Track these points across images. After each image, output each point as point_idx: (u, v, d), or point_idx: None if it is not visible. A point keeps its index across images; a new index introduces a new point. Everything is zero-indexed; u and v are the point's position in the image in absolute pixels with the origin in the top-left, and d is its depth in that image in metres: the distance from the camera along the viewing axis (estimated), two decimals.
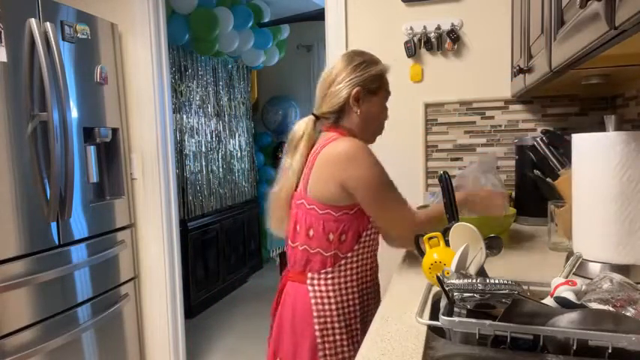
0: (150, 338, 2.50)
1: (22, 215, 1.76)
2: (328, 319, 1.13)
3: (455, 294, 0.75)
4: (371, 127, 1.22)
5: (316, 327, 1.13)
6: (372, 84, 1.19)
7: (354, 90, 1.17)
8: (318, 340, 1.12)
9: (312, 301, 1.14)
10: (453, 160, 2.04)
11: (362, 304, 1.18)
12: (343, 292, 1.15)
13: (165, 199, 2.46)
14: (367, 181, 1.10)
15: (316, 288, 1.14)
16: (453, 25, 1.96)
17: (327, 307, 1.13)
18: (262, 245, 4.90)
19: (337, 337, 1.13)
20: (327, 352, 1.12)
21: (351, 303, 1.15)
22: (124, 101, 2.40)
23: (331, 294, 1.14)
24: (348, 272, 1.15)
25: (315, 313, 1.13)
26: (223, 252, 4.11)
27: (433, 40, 1.99)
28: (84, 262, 2.05)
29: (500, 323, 0.69)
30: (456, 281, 0.76)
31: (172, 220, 2.52)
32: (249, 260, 4.63)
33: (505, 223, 1.32)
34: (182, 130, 3.53)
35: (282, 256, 4.17)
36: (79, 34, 2.06)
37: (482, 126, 2.00)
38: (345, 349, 1.13)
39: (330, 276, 1.14)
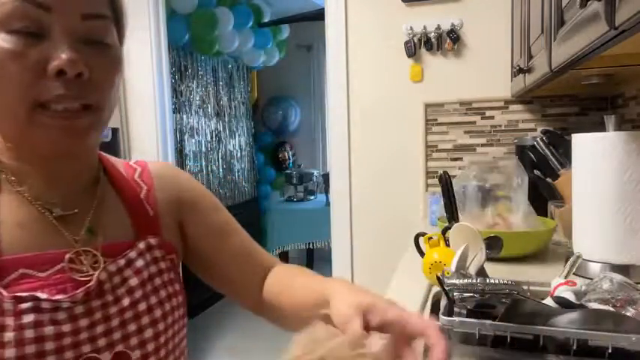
0: None
1: None
2: None
3: (455, 294, 0.75)
4: None
5: None
6: None
7: None
8: None
9: None
10: (453, 160, 2.04)
11: None
12: None
13: None
14: None
15: None
16: (453, 25, 1.96)
17: None
18: (262, 245, 4.87)
19: None
20: None
21: None
22: (124, 101, 2.40)
23: None
24: None
25: None
26: None
27: (433, 40, 1.99)
28: None
29: (500, 323, 0.69)
30: (456, 281, 0.76)
31: None
32: None
33: (546, 237, 1.30)
34: (182, 130, 3.53)
35: (282, 256, 4.17)
36: None
37: (482, 126, 2.00)
38: None
39: None
